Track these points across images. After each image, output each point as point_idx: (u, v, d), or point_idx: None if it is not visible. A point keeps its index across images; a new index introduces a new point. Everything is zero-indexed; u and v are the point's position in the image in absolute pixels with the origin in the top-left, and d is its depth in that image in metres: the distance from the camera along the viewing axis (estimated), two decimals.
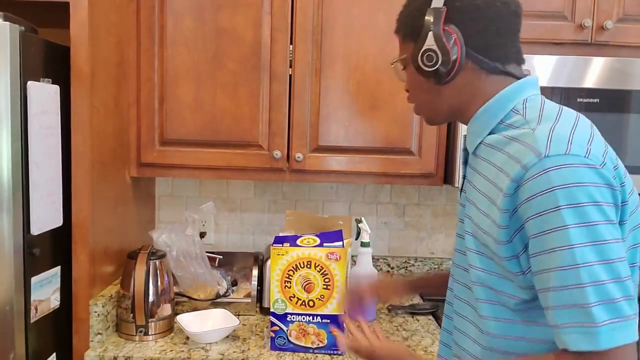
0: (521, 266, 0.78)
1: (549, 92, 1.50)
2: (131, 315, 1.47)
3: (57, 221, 1.33)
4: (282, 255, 1.42)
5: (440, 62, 0.86)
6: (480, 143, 0.89)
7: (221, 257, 1.78)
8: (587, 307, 0.69)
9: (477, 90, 0.89)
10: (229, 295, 1.68)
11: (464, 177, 0.95)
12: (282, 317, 1.44)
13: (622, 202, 0.75)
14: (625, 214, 0.76)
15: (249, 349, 1.44)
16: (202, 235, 1.88)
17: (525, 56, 0.92)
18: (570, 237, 0.70)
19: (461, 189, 0.97)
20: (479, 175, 0.87)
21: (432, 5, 0.86)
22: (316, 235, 1.47)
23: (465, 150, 0.96)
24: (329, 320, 1.42)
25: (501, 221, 0.78)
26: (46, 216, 1.28)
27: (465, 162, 0.96)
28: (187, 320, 1.51)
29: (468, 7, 0.85)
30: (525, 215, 0.75)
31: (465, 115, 0.92)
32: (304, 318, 1.43)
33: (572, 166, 0.72)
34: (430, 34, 0.85)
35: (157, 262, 1.52)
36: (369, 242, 1.71)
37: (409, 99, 0.99)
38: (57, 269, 1.36)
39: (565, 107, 0.86)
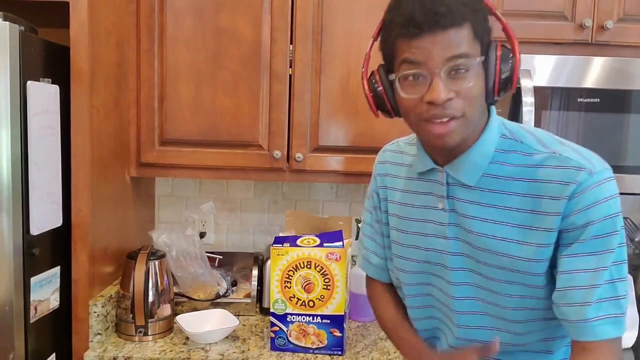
0: (547, 278, 0.86)
1: (549, 92, 1.50)
2: (131, 315, 1.46)
3: (57, 221, 1.33)
4: (282, 255, 1.42)
5: (516, 77, 0.83)
6: (481, 175, 0.88)
7: (221, 257, 1.78)
8: (619, 299, 0.81)
9: (482, 116, 0.87)
10: (228, 295, 1.68)
11: (449, 210, 0.92)
12: (282, 318, 1.44)
13: None
14: None
15: (248, 350, 1.44)
16: (202, 235, 1.88)
17: (525, 56, 0.93)
18: (619, 239, 0.81)
19: (448, 222, 0.92)
20: (492, 207, 0.87)
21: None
22: (316, 236, 1.47)
23: (448, 184, 0.91)
24: (329, 321, 1.42)
25: (549, 240, 0.83)
26: (46, 216, 1.28)
27: (447, 195, 0.92)
28: (187, 321, 1.51)
29: None
30: (575, 224, 0.81)
31: (462, 145, 0.87)
32: (304, 318, 1.43)
33: (611, 179, 0.82)
34: (516, 42, 0.82)
35: (157, 263, 1.52)
36: None
37: (457, 110, 0.80)
38: (57, 269, 1.35)
39: (536, 128, 0.92)
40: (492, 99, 0.83)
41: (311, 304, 1.42)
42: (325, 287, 1.42)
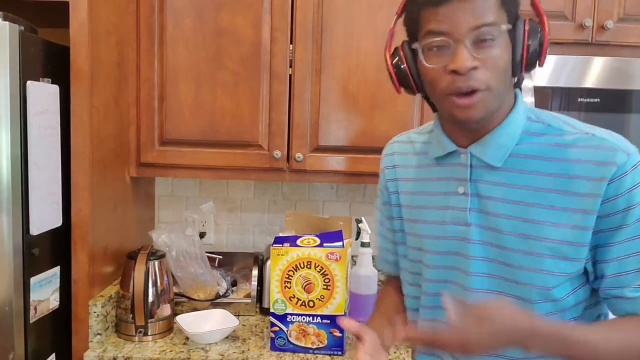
0: (586, 263, 0.84)
1: (549, 92, 1.50)
2: (131, 315, 1.46)
3: (57, 221, 1.33)
4: (282, 255, 1.42)
5: (544, 52, 0.82)
6: (508, 156, 0.85)
7: (221, 257, 1.78)
8: None
9: (509, 96, 0.86)
10: (228, 295, 1.68)
11: (472, 194, 0.88)
12: (282, 318, 1.43)
13: None
14: None
15: (248, 350, 1.44)
16: (202, 235, 1.88)
17: None
18: None
19: (469, 208, 0.89)
20: (520, 188, 0.84)
21: None
22: (316, 236, 1.47)
23: (471, 166, 0.88)
24: (329, 321, 1.42)
25: (588, 223, 0.81)
26: (46, 216, 1.28)
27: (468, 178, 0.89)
28: (187, 321, 1.51)
29: None
30: (617, 208, 0.80)
31: (487, 125, 0.85)
32: (304, 318, 1.43)
33: None
34: (545, 16, 0.82)
35: (157, 263, 1.51)
36: (369, 243, 1.71)
37: (481, 81, 0.78)
38: (57, 269, 1.35)
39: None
40: (519, 72, 0.82)
41: (311, 304, 1.42)
42: (325, 287, 1.42)
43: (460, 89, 0.78)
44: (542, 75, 1.50)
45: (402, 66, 0.86)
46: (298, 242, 1.45)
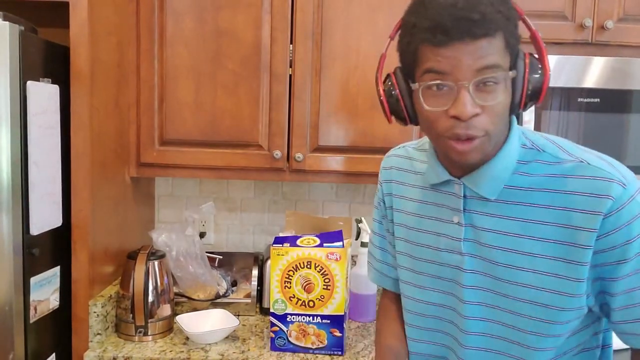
0: (587, 301, 0.81)
1: (549, 92, 1.50)
2: (131, 315, 1.46)
3: (57, 221, 1.33)
4: (282, 255, 1.42)
5: (544, 93, 0.79)
6: (502, 188, 0.83)
7: (221, 257, 1.78)
8: None
9: (504, 130, 0.82)
10: (228, 295, 1.68)
11: (465, 224, 0.87)
12: (282, 318, 1.43)
13: None
14: None
15: (248, 350, 1.44)
16: (202, 235, 1.88)
17: None
18: None
19: (464, 238, 0.87)
20: (514, 220, 0.82)
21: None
22: (316, 236, 1.47)
23: (465, 197, 0.87)
24: (329, 321, 1.42)
25: (584, 258, 0.78)
26: (46, 216, 1.28)
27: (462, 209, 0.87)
28: (187, 321, 1.51)
29: None
30: (616, 242, 0.76)
31: (485, 157, 0.83)
32: (304, 318, 1.43)
33: None
34: (546, 53, 0.79)
35: (157, 263, 1.51)
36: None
37: (481, 129, 0.76)
38: (57, 269, 1.35)
39: (553, 136, 0.88)
40: (516, 111, 0.80)
41: (311, 304, 1.42)
42: (325, 287, 1.42)
43: (459, 135, 0.75)
44: None
45: (394, 93, 0.83)
46: (298, 242, 1.45)
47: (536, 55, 0.79)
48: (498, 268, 0.84)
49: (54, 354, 1.36)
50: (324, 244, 1.43)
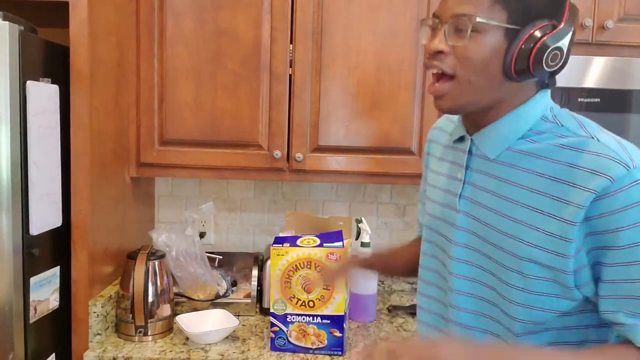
0: (579, 280, 0.78)
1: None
2: (130, 315, 1.46)
3: (57, 221, 1.33)
4: (282, 255, 1.42)
5: (561, 63, 0.79)
6: (505, 149, 0.84)
7: (221, 257, 1.78)
8: None
9: (517, 93, 0.83)
10: (228, 295, 1.68)
11: (464, 180, 0.89)
12: (282, 318, 1.43)
13: None
14: None
15: (248, 350, 1.44)
16: (202, 235, 1.88)
17: None
18: None
19: (460, 194, 0.89)
20: (509, 183, 0.82)
21: None
22: (316, 236, 1.47)
23: (470, 154, 0.89)
24: (329, 321, 1.42)
25: (567, 234, 0.75)
26: (45, 216, 1.28)
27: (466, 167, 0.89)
28: (187, 321, 1.51)
29: None
30: (608, 227, 0.73)
31: (489, 115, 0.84)
32: (304, 319, 1.43)
33: None
34: (566, 27, 0.77)
35: (157, 263, 1.51)
36: (369, 243, 1.71)
37: (444, 72, 0.81)
38: (57, 269, 1.35)
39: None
40: (510, 75, 0.79)
41: (311, 304, 1.42)
42: (325, 287, 1.41)
43: (426, 65, 0.83)
44: None
45: None
46: (298, 242, 1.45)
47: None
48: (489, 230, 0.84)
49: (54, 354, 1.36)
50: (324, 244, 1.43)
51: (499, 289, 0.84)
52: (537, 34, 0.77)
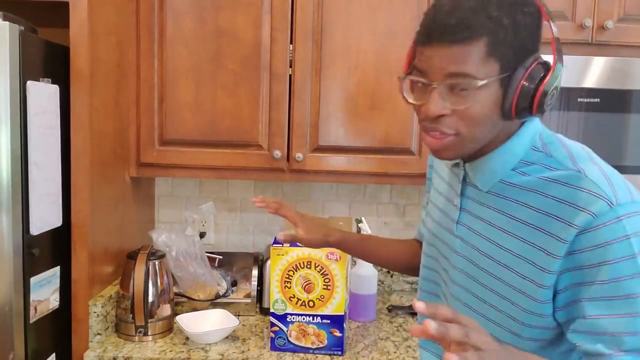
0: (553, 308, 0.79)
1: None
2: (130, 315, 1.46)
3: (57, 221, 1.33)
4: (282, 255, 1.42)
5: (552, 102, 0.79)
6: (497, 182, 0.85)
7: (221, 257, 1.78)
8: None
9: (508, 126, 0.83)
10: (228, 295, 1.68)
11: (460, 208, 0.90)
12: (282, 318, 1.43)
13: None
14: None
15: (248, 350, 1.44)
16: (202, 235, 1.88)
17: None
18: None
19: (457, 220, 0.91)
20: (502, 214, 0.83)
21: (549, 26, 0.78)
22: None
23: (464, 182, 0.90)
24: (329, 321, 1.42)
25: (550, 267, 0.77)
26: (45, 216, 1.28)
27: (461, 194, 0.91)
28: (187, 321, 1.51)
29: None
30: (590, 261, 0.73)
31: (483, 151, 0.84)
32: (304, 318, 1.43)
33: (636, 214, 0.73)
34: (559, 66, 0.78)
35: (157, 263, 1.51)
36: None
37: (451, 127, 0.78)
38: (57, 269, 1.35)
39: (577, 142, 0.86)
40: (510, 118, 0.78)
41: (311, 304, 1.42)
42: (325, 287, 1.42)
43: (427, 129, 0.80)
44: None
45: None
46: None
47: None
48: (482, 258, 0.86)
49: (54, 354, 1.36)
50: None
51: (486, 314, 0.86)
52: (534, 74, 0.77)
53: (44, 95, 1.25)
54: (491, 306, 0.85)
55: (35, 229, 1.24)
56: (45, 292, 1.30)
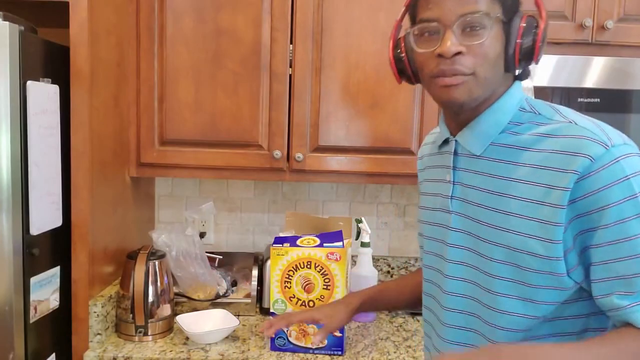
0: (567, 265, 0.77)
1: (549, 92, 1.50)
2: (131, 315, 1.46)
3: (57, 221, 1.33)
4: (282, 255, 1.42)
5: (537, 50, 0.81)
6: (489, 145, 0.85)
7: (221, 257, 1.78)
8: None
9: (502, 84, 0.85)
10: (228, 295, 1.68)
11: (453, 181, 0.90)
12: None
13: None
14: None
15: (248, 350, 1.44)
16: (202, 235, 1.88)
17: None
18: None
19: (451, 195, 0.90)
20: (497, 178, 0.83)
21: None
22: (316, 236, 1.47)
23: (455, 155, 0.90)
24: None
25: (556, 219, 0.76)
26: (46, 216, 1.28)
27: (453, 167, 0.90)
28: (187, 321, 1.51)
29: None
30: (594, 205, 0.74)
31: (478, 110, 0.85)
32: None
33: (635, 155, 0.75)
34: (544, 12, 0.81)
35: (157, 263, 1.51)
36: (369, 243, 1.71)
37: (467, 66, 0.79)
38: (57, 269, 1.35)
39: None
40: (512, 66, 0.81)
41: (311, 304, 1.42)
42: (325, 287, 1.42)
43: (444, 72, 0.80)
44: (542, 75, 1.50)
45: (401, 55, 0.89)
46: (298, 242, 1.45)
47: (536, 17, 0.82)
48: (481, 227, 0.85)
49: (54, 354, 1.36)
50: (324, 244, 1.43)
51: (488, 287, 0.84)
52: (529, 24, 0.81)
53: (44, 95, 1.26)
54: (497, 277, 0.82)
55: (35, 229, 1.24)
56: (45, 292, 1.30)
